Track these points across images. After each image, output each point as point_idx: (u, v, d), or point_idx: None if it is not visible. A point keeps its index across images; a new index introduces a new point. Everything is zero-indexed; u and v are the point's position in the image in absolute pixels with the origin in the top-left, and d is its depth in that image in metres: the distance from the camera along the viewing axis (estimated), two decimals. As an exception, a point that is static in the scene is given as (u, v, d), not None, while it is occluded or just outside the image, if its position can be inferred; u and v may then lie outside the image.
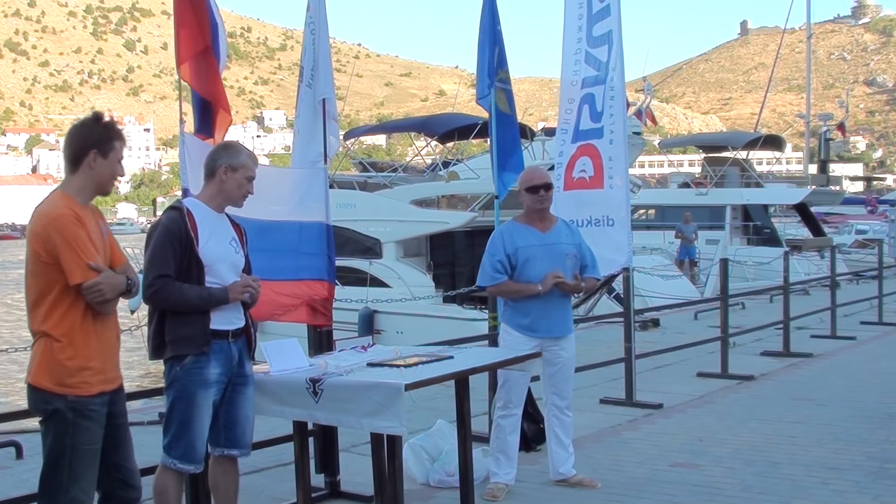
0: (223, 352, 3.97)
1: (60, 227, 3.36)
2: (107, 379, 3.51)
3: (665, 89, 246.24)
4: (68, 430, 3.39)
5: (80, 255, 3.35)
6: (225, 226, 4.12)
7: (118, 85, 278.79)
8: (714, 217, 24.45)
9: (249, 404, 4.13)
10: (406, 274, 15.53)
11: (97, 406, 3.45)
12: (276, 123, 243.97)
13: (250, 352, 4.14)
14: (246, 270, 4.16)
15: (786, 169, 70.07)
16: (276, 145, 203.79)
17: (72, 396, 3.38)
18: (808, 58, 42.51)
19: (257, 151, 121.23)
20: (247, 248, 4.20)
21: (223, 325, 3.98)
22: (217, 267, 3.96)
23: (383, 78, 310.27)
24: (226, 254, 4.03)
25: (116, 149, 3.56)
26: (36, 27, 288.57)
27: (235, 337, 4.04)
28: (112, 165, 3.55)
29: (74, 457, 3.39)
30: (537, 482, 5.48)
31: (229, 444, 4.09)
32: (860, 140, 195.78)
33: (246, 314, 4.11)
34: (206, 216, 4.01)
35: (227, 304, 3.95)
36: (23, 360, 19.09)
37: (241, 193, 4.11)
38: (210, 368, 3.91)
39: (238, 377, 4.07)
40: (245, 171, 4.09)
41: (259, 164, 4.24)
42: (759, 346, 10.92)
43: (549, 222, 5.37)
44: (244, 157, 4.12)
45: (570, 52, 7.42)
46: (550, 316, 5.24)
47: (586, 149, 7.28)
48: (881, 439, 6.42)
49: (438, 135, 18.89)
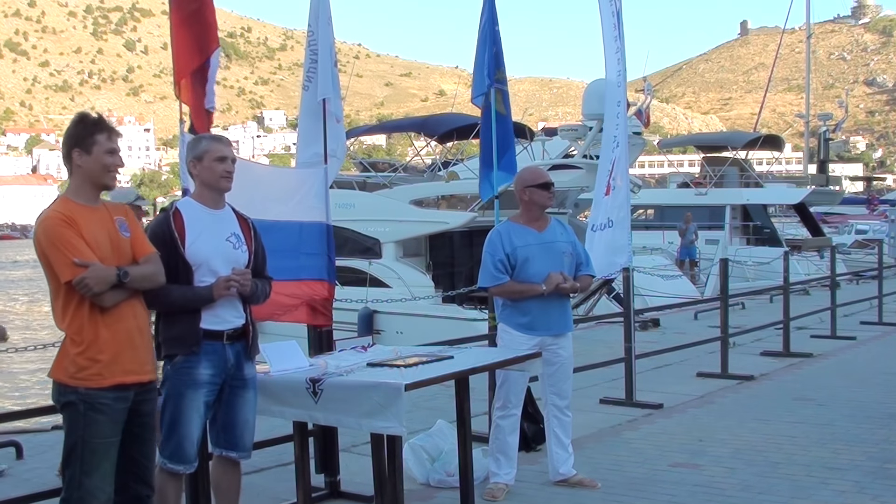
0: (216, 353, 3.92)
1: (46, 229, 3.47)
2: (124, 370, 3.51)
3: (665, 89, 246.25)
4: (80, 422, 3.46)
5: (64, 253, 3.41)
6: (223, 222, 4.06)
7: (118, 85, 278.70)
8: (713, 217, 24.44)
9: (249, 408, 4.09)
10: (405, 274, 15.52)
11: (109, 400, 3.47)
12: (276, 123, 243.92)
13: (249, 354, 4.07)
14: (257, 265, 4.10)
15: (785, 169, 70.03)
16: (276, 145, 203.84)
17: (83, 389, 3.44)
18: (808, 58, 42.58)
19: (257, 151, 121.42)
20: (255, 243, 4.13)
21: (216, 326, 3.93)
22: (211, 265, 3.91)
23: (383, 78, 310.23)
24: (219, 251, 3.96)
25: (99, 142, 3.55)
26: (36, 27, 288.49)
27: (232, 339, 3.98)
28: (98, 159, 3.55)
29: (85, 450, 3.45)
30: (537, 482, 5.48)
31: (227, 446, 4.08)
32: (860, 140, 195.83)
33: (247, 314, 4.05)
34: (197, 215, 3.98)
35: (213, 301, 3.89)
36: (23, 360, 19.01)
37: (219, 176, 4.03)
38: (200, 369, 3.87)
39: (236, 380, 4.01)
40: (211, 155, 4.03)
41: (258, 163, 4.25)
42: (759, 346, 10.92)
43: (544, 221, 5.38)
44: (204, 144, 4.10)
45: (612, 51, 7.36)
46: (550, 314, 5.25)
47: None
48: (881, 439, 6.42)
49: (438, 135, 18.89)
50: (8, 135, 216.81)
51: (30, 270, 45.34)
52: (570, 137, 21.44)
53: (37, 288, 34.73)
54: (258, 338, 4.16)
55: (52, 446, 5.97)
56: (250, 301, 4.08)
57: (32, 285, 37.19)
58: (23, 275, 44.81)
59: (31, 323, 27.70)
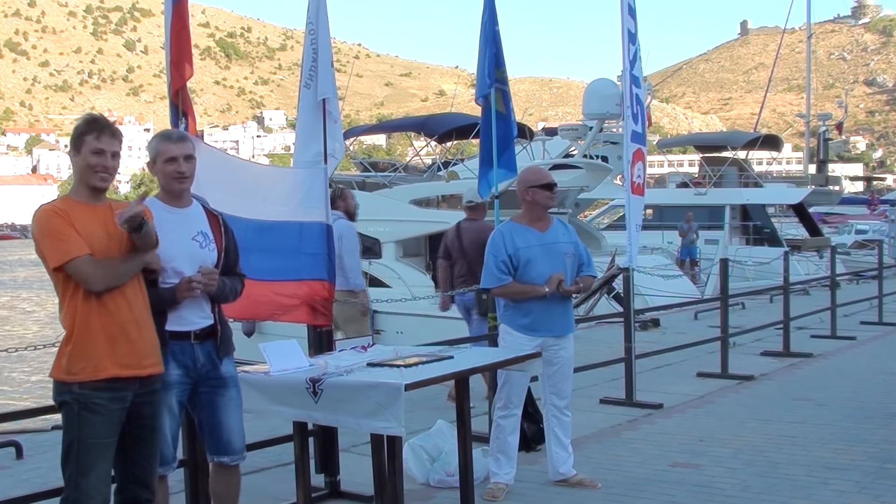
0: (185, 353, 3.83)
1: (38, 220, 3.48)
2: (119, 364, 3.45)
3: (665, 89, 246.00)
4: (75, 422, 3.43)
5: (54, 240, 3.40)
6: (189, 221, 3.92)
7: (118, 85, 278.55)
8: (713, 217, 24.44)
9: (232, 407, 3.98)
10: (405, 274, 15.52)
11: (104, 400, 3.42)
12: (276, 123, 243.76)
13: (220, 354, 3.93)
14: (228, 263, 3.98)
15: (785, 169, 70.02)
16: (276, 145, 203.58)
17: (77, 386, 3.41)
18: (808, 58, 42.60)
19: (257, 151, 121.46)
20: (225, 240, 3.99)
21: (182, 327, 3.83)
22: (176, 266, 3.79)
23: (383, 78, 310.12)
24: (185, 251, 3.84)
25: (87, 142, 3.50)
26: (36, 27, 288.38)
27: (200, 338, 3.87)
28: (85, 158, 3.51)
29: (81, 450, 3.42)
30: (537, 482, 5.48)
31: (219, 452, 3.98)
32: (860, 140, 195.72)
33: (215, 314, 3.93)
34: (159, 215, 3.80)
35: (177, 304, 3.79)
36: (23, 360, 19.04)
37: (170, 177, 3.87)
38: (168, 370, 3.75)
39: (213, 379, 3.91)
40: (161, 157, 3.88)
41: (258, 163, 4.22)
42: (759, 346, 10.91)
43: (546, 222, 5.38)
44: (154, 144, 3.95)
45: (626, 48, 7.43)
46: (551, 315, 5.25)
47: (639, 154, 7.49)
48: (881, 439, 6.42)
49: (437, 135, 18.90)
50: (8, 135, 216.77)
51: (26, 270, 45.36)
52: (571, 137, 21.45)
53: (40, 288, 34.75)
54: (231, 336, 4.03)
55: (52, 446, 5.96)
56: (218, 300, 3.96)
57: (36, 286, 37.21)
58: (29, 275, 44.75)
59: (34, 322, 27.71)
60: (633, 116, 7.41)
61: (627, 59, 7.37)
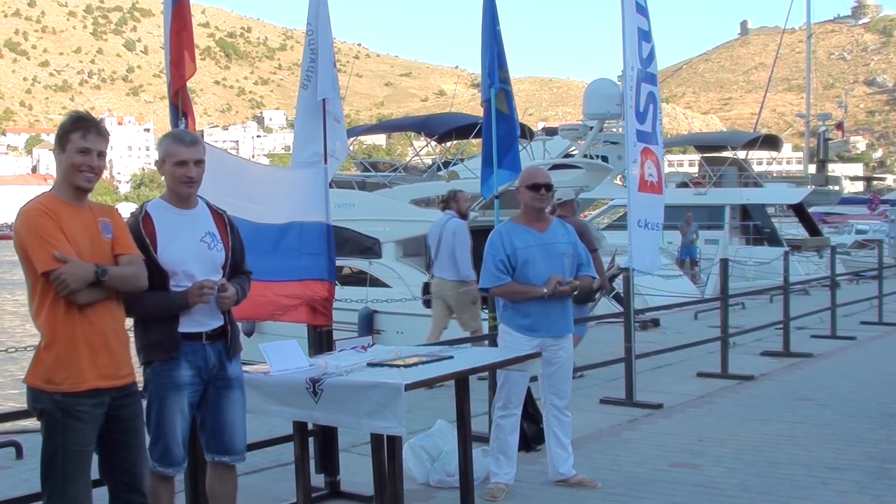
0: (196, 353, 3.83)
1: (25, 219, 3.35)
2: (100, 375, 3.39)
3: (665, 89, 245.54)
4: (57, 429, 3.35)
5: (43, 244, 3.29)
6: (196, 222, 3.92)
7: (118, 85, 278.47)
8: (713, 217, 24.41)
9: (237, 408, 3.98)
10: (406, 274, 15.51)
11: (87, 407, 3.37)
12: (276, 123, 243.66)
13: (230, 353, 3.95)
14: (235, 262, 3.99)
15: (785, 169, 70.00)
16: (276, 145, 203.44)
17: (59, 395, 3.33)
18: (808, 58, 42.55)
19: (257, 151, 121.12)
20: (231, 239, 3.99)
21: (194, 328, 3.82)
22: (187, 269, 3.79)
23: (383, 78, 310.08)
24: (194, 253, 3.83)
25: (72, 140, 3.41)
26: (36, 27, 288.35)
27: (212, 338, 3.88)
28: (70, 156, 3.42)
29: (66, 457, 3.35)
30: (537, 482, 5.48)
31: (219, 451, 3.97)
32: (860, 140, 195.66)
33: (225, 315, 3.93)
34: (167, 217, 3.83)
35: (189, 308, 3.77)
36: (23, 360, 19.14)
37: (178, 181, 3.86)
38: (180, 371, 3.78)
39: (220, 380, 3.92)
40: (171, 159, 3.86)
41: (258, 163, 4.21)
42: (759, 346, 10.92)
43: (545, 222, 5.37)
44: (165, 145, 3.92)
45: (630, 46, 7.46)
46: (550, 315, 5.24)
47: (648, 153, 7.55)
48: (881, 439, 6.42)
49: (437, 135, 18.88)
50: (8, 135, 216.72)
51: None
52: (571, 137, 21.43)
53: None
54: (239, 335, 4.05)
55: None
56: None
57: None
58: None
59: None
60: (642, 115, 7.47)
61: (638, 58, 7.40)
